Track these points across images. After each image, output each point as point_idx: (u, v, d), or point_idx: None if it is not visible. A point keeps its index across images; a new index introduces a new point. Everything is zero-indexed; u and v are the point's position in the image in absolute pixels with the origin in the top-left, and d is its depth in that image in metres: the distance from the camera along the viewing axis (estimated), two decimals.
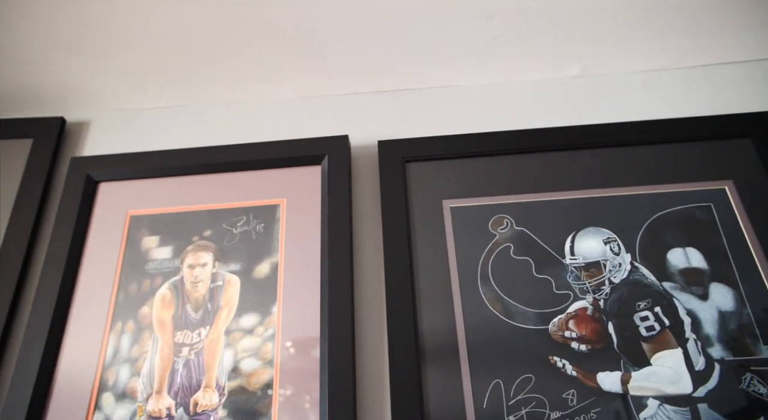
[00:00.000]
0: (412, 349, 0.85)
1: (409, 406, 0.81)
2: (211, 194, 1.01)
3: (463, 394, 0.82)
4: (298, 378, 0.85)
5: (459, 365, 0.84)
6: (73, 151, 1.08)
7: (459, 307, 0.88)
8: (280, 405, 0.83)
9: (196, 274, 0.94)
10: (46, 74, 1.04)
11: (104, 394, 0.86)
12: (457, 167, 1.00)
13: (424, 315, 0.88)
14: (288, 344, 0.87)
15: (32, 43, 0.98)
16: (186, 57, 1.02)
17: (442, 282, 0.91)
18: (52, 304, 0.91)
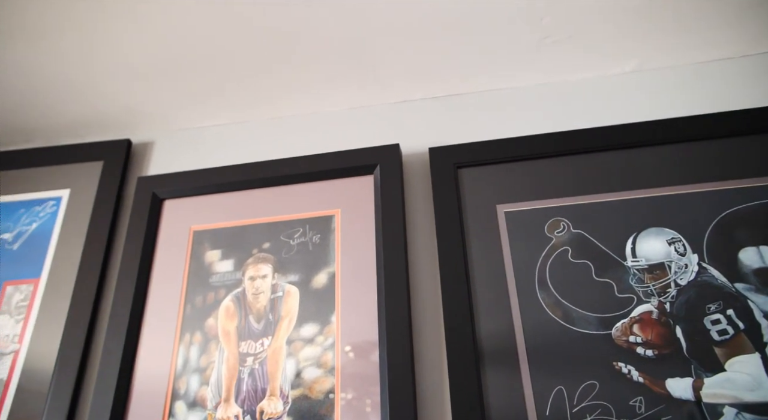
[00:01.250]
0: (470, 354, 0.84)
1: (470, 411, 0.81)
2: (269, 207, 1.04)
3: (524, 401, 0.81)
4: (358, 382, 0.86)
5: (519, 371, 0.83)
6: (139, 170, 1.14)
7: (517, 312, 0.87)
8: (342, 409, 0.85)
9: (257, 285, 0.97)
10: (112, 99, 1.11)
11: (177, 402, 0.90)
12: (510, 171, 0.99)
13: (481, 320, 0.88)
14: (347, 349, 0.89)
15: (99, 71, 1.04)
16: (241, 75, 1.06)
17: (498, 287, 0.90)
18: (127, 317, 0.96)
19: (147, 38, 0.97)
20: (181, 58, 1.02)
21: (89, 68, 1.03)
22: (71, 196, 1.10)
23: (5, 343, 0.98)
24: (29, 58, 1.01)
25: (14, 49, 0.99)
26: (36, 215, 1.09)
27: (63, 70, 1.03)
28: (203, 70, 1.05)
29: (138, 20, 0.94)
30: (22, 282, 1.03)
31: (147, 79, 1.06)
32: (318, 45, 1.00)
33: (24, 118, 1.15)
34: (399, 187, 1.00)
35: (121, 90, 1.09)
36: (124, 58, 1.01)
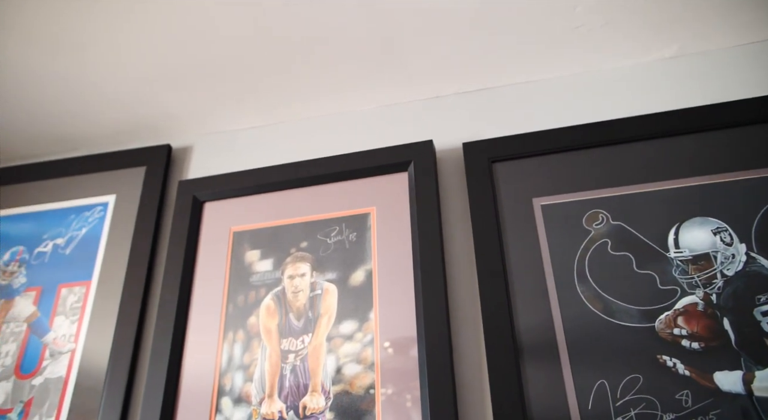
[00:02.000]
0: (509, 348, 0.84)
1: (510, 405, 0.80)
2: (305, 207, 1.06)
3: (566, 395, 0.80)
4: (398, 377, 0.87)
5: (560, 365, 0.82)
6: (180, 174, 1.18)
7: (556, 306, 0.86)
8: (383, 404, 0.86)
9: (296, 284, 0.99)
10: (152, 106, 1.14)
11: (223, 398, 0.93)
12: (545, 164, 0.98)
13: (520, 314, 0.87)
14: (386, 345, 0.90)
15: (139, 79, 1.08)
16: (273, 77, 1.08)
17: (536, 281, 0.89)
18: (173, 316, 0.99)
19: (182, 45, 1.00)
20: (214, 62, 1.04)
21: (129, 77, 1.07)
22: (117, 201, 1.15)
23: (62, 342, 1.03)
24: (73, 70, 1.05)
25: (58, 61, 1.03)
26: (85, 220, 1.14)
27: (104, 79, 1.07)
28: (236, 74, 1.07)
29: (172, 28, 0.97)
30: (75, 284, 1.08)
31: (184, 85, 1.09)
32: (348, 45, 1.01)
33: (70, 128, 1.19)
34: (433, 184, 1.00)
35: (159, 97, 1.12)
36: (161, 65, 1.04)
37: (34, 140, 1.23)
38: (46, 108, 1.14)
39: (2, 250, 1.15)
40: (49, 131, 1.20)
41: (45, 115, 1.16)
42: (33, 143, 1.24)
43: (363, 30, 0.98)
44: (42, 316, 1.06)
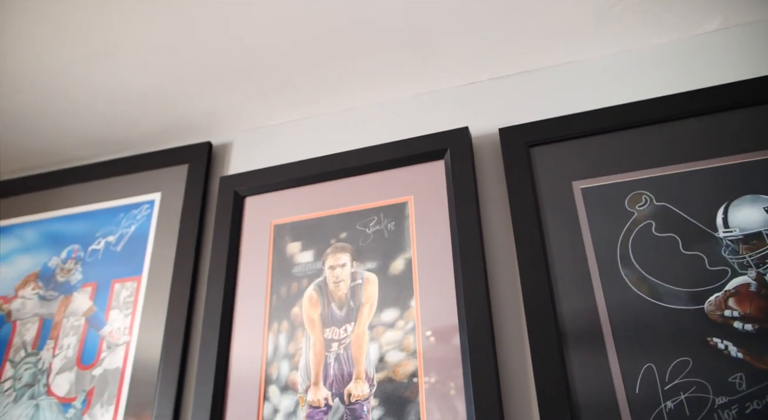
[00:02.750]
0: (552, 335, 0.83)
1: (555, 391, 0.80)
2: (344, 198, 1.07)
3: (612, 380, 0.79)
4: (440, 366, 0.88)
5: (605, 350, 0.81)
6: (221, 170, 1.21)
7: (600, 290, 0.85)
8: (426, 392, 0.87)
9: (337, 274, 1.01)
10: (192, 105, 1.18)
11: (270, 386, 0.95)
12: (584, 146, 0.96)
13: (562, 300, 0.86)
14: (428, 333, 0.90)
15: (180, 79, 1.11)
16: (308, 71, 1.09)
17: (579, 266, 0.88)
18: (220, 309, 1.02)
19: (220, 43, 1.02)
20: (251, 58, 1.06)
21: (170, 78, 1.10)
22: (162, 199, 1.19)
23: (118, 335, 1.07)
24: (118, 74, 1.09)
25: (105, 67, 1.07)
26: (134, 218, 1.19)
27: (147, 81, 1.11)
28: (272, 69, 1.09)
29: (209, 27, 0.99)
30: (127, 280, 1.13)
31: (222, 82, 1.12)
32: (382, 34, 1.01)
33: (116, 130, 1.24)
34: (470, 170, 0.99)
35: (199, 95, 1.15)
36: (200, 65, 1.07)
37: (85, 143, 1.28)
38: (95, 112, 1.18)
39: (60, 249, 1.21)
40: (98, 134, 1.25)
41: (94, 119, 1.20)
42: (83, 146, 1.29)
43: (397, 19, 0.98)
44: (98, 311, 1.11)
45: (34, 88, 1.12)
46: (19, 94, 1.13)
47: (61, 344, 1.10)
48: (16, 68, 1.07)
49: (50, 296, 1.16)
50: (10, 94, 1.13)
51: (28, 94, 1.13)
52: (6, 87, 1.11)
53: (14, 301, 1.18)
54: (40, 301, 1.16)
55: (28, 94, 1.13)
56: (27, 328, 1.14)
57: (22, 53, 1.04)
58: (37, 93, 1.13)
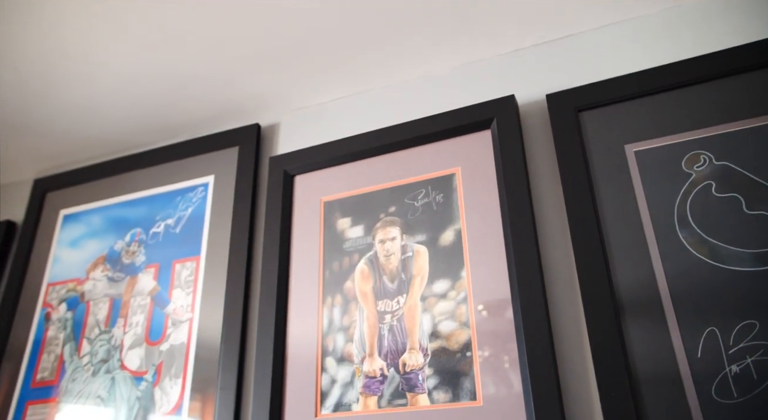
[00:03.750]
0: (608, 304, 0.82)
1: (613, 362, 0.79)
2: (391, 172, 1.08)
3: (672, 345, 0.77)
4: (494, 339, 0.88)
5: (664, 316, 0.79)
6: (270, 151, 1.24)
7: (656, 255, 0.83)
8: (481, 366, 0.87)
9: (387, 248, 1.02)
10: (240, 88, 1.20)
11: (327, 358, 0.98)
12: (636, 108, 0.93)
13: (618, 268, 0.84)
14: (480, 308, 0.90)
15: (228, 63, 1.14)
16: (352, 47, 1.10)
17: (634, 232, 0.85)
18: (275, 286, 1.05)
19: (266, 25, 1.04)
20: (296, 38, 1.07)
21: (218, 63, 1.13)
22: (216, 181, 1.23)
23: (181, 312, 1.13)
24: (170, 63, 1.12)
25: (157, 57, 1.11)
26: (190, 201, 1.23)
27: (197, 68, 1.14)
28: (317, 47, 1.10)
29: (255, 9, 1.01)
30: (187, 260, 1.18)
31: (268, 64, 1.14)
32: (423, 6, 1.00)
33: (170, 117, 1.29)
34: (518, 139, 0.98)
35: (246, 78, 1.18)
36: (247, 47, 1.09)
37: (142, 131, 1.33)
38: (150, 101, 1.23)
39: (124, 233, 1.27)
40: (154, 121, 1.30)
41: (149, 108, 1.25)
42: (141, 134, 1.34)
43: None
44: (162, 290, 1.17)
45: (95, 83, 1.17)
46: (82, 89, 1.19)
47: (131, 322, 1.17)
48: (79, 65, 1.12)
49: (118, 277, 1.23)
50: (74, 89, 1.19)
51: (89, 89, 1.19)
52: (70, 82, 1.17)
53: (86, 283, 1.26)
54: (109, 283, 1.23)
55: (90, 88, 1.19)
56: (99, 308, 1.21)
57: (82, 50, 1.09)
58: (98, 87, 1.18)
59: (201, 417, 1.02)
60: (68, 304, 1.25)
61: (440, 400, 0.88)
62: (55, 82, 1.17)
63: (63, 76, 1.16)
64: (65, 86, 1.19)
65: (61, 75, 1.15)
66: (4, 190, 1.51)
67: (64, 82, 1.18)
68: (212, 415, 1.00)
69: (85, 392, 1.14)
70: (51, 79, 1.17)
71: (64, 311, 1.24)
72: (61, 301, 1.26)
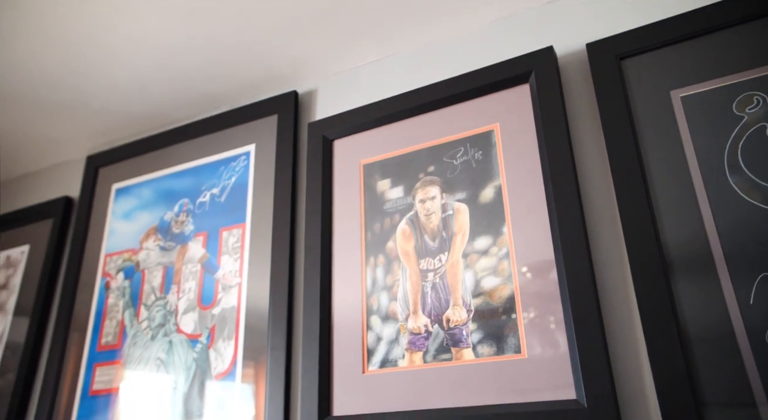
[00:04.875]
0: (656, 259, 0.80)
1: (660, 318, 0.77)
2: (429, 132, 1.07)
3: (722, 294, 0.75)
4: (539, 301, 0.87)
5: (713, 264, 0.77)
6: (308, 117, 1.25)
7: (706, 203, 0.80)
8: (526, 327, 0.87)
9: (428, 207, 1.02)
10: (278, 56, 1.21)
11: (372, 316, 1.00)
12: (682, 52, 0.89)
13: (665, 220, 0.82)
14: (524, 270, 0.90)
15: (263, 32, 1.14)
16: (385, 9, 1.09)
17: (681, 181, 0.83)
18: (319, 249, 1.08)
19: None
20: (328, 4, 1.07)
21: (256, 31, 1.14)
22: (257, 149, 1.25)
23: (230, 277, 1.17)
24: (208, 34, 1.14)
25: (196, 30, 1.13)
26: (233, 170, 1.27)
27: (234, 38, 1.16)
28: (348, 12, 1.09)
29: None
30: (233, 227, 1.21)
31: (303, 30, 1.14)
32: None
33: (210, 88, 1.31)
34: (557, 92, 0.96)
35: (282, 46, 1.18)
36: (284, 15, 1.10)
37: (184, 104, 1.37)
38: (191, 74, 1.26)
39: (172, 204, 1.32)
40: (196, 94, 1.33)
41: (189, 80, 1.28)
42: (183, 107, 1.38)
43: None
44: (211, 257, 1.21)
45: (139, 58, 1.21)
46: (127, 65, 1.23)
47: (183, 288, 1.22)
48: (124, 41, 1.16)
49: (169, 246, 1.28)
50: (119, 65, 1.23)
51: (134, 64, 1.23)
52: (116, 58, 1.21)
53: (140, 252, 1.32)
54: (161, 252, 1.29)
55: (134, 63, 1.22)
56: (154, 276, 1.27)
57: (128, 26, 1.12)
58: (142, 62, 1.22)
59: (254, 376, 1.06)
60: (125, 274, 1.31)
61: (485, 354, 0.89)
62: (103, 59, 1.21)
63: (110, 53, 1.20)
64: (111, 63, 1.22)
65: (108, 51, 1.19)
66: (60, 168, 1.58)
67: (111, 59, 1.21)
68: (264, 373, 1.05)
69: (146, 355, 1.20)
70: (98, 57, 1.20)
71: (122, 280, 1.31)
72: (119, 270, 1.32)
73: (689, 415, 0.71)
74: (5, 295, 1.45)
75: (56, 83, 1.28)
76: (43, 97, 1.32)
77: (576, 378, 0.80)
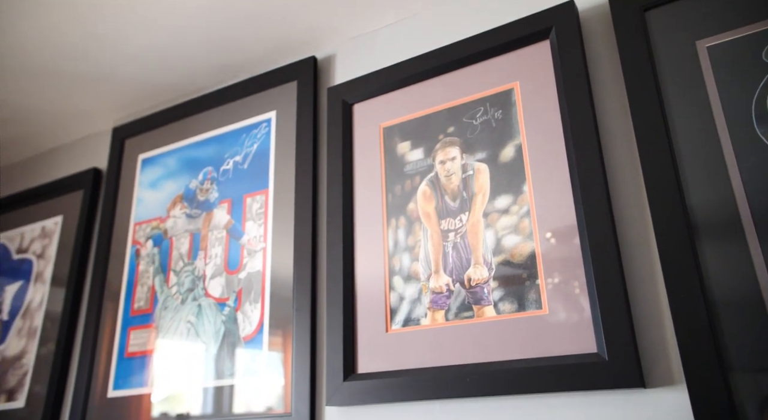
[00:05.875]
0: (680, 218, 0.78)
1: (686, 283, 0.76)
2: (448, 93, 1.06)
3: (750, 257, 0.73)
4: (563, 266, 0.87)
5: (741, 223, 0.75)
6: (327, 82, 1.25)
7: (732, 156, 0.78)
8: (549, 293, 0.87)
9: (448, 168, 1.02)
10: (295, 21, 1.21)
11: (394, 277, 1.02)
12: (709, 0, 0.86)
13: (689, 178, 0.80)
14: (548, 235, 0.90)
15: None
16: None
17: (707, 135, 0.81)
18: (341, 212, 1.09)
19: None
20: None
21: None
22: (278, 116, 1.26)
23: (255, 242, 1.20)
24: (227, 2, 1.15)
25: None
26: (255, 137, 1.28)
27: (252, 4, 1.15)
28: None
29: None
30: (256, 193, 1.23)
31: None
32: None
33: (229, 57, 1.32)
34: (579, 47, 0.94)
35: (299, 12, 1.18)
36: None
37: (204, 73, 1.38)
38: (211, 42, 1.27)
39: (196, 172, 1.35)
40: (216, 62, 1.34)
41: (208, 49, 1.29)
42: (204, 76, 1.39)
43: None
44: (236, 223, 1.24)
45: (159, 28, 1.22)
46: (148, 35, 1.24)
47: (210, 254, 1.25)
48: (145, 9, 1.16)
49: (195, 214, 1.31)
50: (140, 35, 1.24)
51: (154, 34, 1.24)
52: (138, 29, 1.22)
53: (168, 220, 1.35)
54: (188, 219, 1.32)
55: (155, 33, 1.24)
56: (181, 243, 1.31)
57: None
58: (162, 31, 1.23)
59: (281, 337, 1.09)
60: (154, 241, 1.35)
61: (506, 311, 0.90)
62: (123, 30, 1.23)
63: (130, 24, 1.21)
64: (132, 34, 1.24)
65: (128, 22, 1.20)
66: (88, 141, 1.62)
67: (131, 30, 1.23)
68: (291, 334, 1.07)
69: (176, 318, 1.24)
70: (119, 28, 1.22)
71: (151, 247, 1.35)
72: (148, 238, 1.36)
73: (713, 376, 0.71)
74: (42, 264, 1.51)
75: (79, 55, 1.30)
76: (67, 70, 1.35)
77: (597, 333, 0.81)
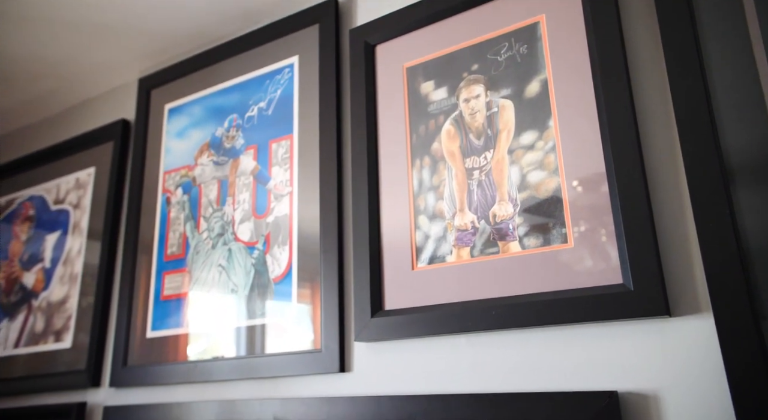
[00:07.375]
0: (715, 168, 0.75)
1: (720, 235, 0.73)
2: (472, 29, 1.04)
3: None
4: (590, 214, 0.86)
5: None
6: (349, 24, 1.24)
7: None
8: (576, 241, 0.86)
9: (472, 106, 1.02)
10: None
11: (419, 216, 1.03)
12: None
13: (725, 126, 0.77)
14: (575, 183, 0.89)
15: None
16: None
17: (745, 74, 0.77)
18: (365, 153, 1.09)
19: None
20: None
21: None
22: (300, 60, 1.26)
23: (281, 187, 1.21)
24: None
25: None
26: (278, 83, 1.28)
27: None
28: None
29: None
30: (281, 139, 1.24)
31: None
32: None
33: (248, 3, 1.31)
34: None
35: None
36: None
37: (225, 20, 1.38)
38: None
39: (222, 119, 1.36)
40: (234, 10, 1.34)
41: None
42: (225, 23, 1.39)
43: None
44: (262, 169, 1.26)
45: None
46: None
47: (238, 200, 1.28)
48: None
49: (222, 161, 1.33)
50: None
51: None
52: None
53: (196, 168, 1.37)
54: (215, 166, 1.34)
55: None
56: (210, 189, 1.33)
57: None
58: None
59: (309, 278, 1.12)
60: (183, 189, 1.38)
61: (531, 246, 0.90)
62: None
63: None
64: None
65: None
66: (116, 92, 1.64)
67: None
68: (319, 275, 1.10)
69: (208, 262, 1.28)
70: None
71: (181, 195, 1.38)
72: (177, 186, 1.39)
73: (740, 303, 0.71)
74: (79, 214, 1.56)
75: (104, 6, 1.31)
76: (91, 20, 1.36)
77: (623, 265, 0.81)
